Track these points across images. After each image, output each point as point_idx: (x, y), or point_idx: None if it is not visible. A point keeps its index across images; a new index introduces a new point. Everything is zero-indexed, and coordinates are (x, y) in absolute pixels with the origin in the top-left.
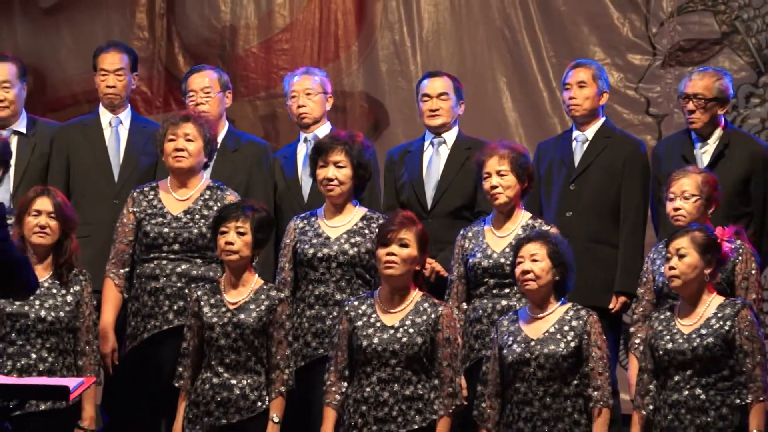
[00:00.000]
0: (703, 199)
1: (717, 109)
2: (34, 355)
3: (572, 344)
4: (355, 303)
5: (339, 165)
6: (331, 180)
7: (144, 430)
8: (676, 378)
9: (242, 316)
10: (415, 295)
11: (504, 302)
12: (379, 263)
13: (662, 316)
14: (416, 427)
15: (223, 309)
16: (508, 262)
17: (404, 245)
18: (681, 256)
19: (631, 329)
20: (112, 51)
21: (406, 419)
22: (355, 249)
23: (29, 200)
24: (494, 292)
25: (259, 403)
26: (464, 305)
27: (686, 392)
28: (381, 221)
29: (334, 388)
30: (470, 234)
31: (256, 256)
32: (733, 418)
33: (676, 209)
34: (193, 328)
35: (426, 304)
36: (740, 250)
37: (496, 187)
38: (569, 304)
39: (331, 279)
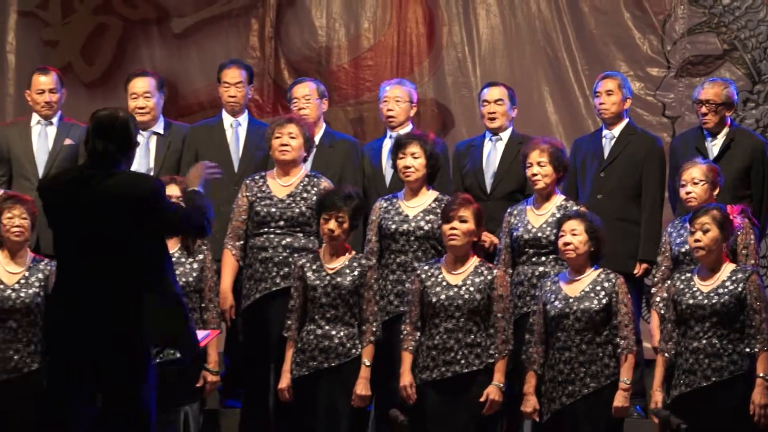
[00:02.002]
0: (708, 184)
1: (725, 112)
2: None
3: (603, 301)
4: (426, 267)
5: (415, 156)
6: (409, 167)
7: (257, 373)
8: (696, 329)
9: (339, 279)
10: (474, 260)
11: (541, 269)
12: (444, 236)
13: (683, 277)
14: (475, 368)
15: (323, 273)
16: (544, 235)
17: (463, 221)
18: (705, 231)
19: (653, 290)
20: (233, 67)
21: (468, 362)
22: (430, 225)
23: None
24: (533, 260)
25: (354, 350)
26: (509, 270)
27: (704, 341)
28: None
29: (410, 337)
30: (515, 212)
31: (349, 234)
32: (742, 363)
33: (688, 192)
34: (298, 289)
35: (483, 268)
36: (742, 224)
37: (536, 174)
38: (601, 269)
39: (410, 250)
